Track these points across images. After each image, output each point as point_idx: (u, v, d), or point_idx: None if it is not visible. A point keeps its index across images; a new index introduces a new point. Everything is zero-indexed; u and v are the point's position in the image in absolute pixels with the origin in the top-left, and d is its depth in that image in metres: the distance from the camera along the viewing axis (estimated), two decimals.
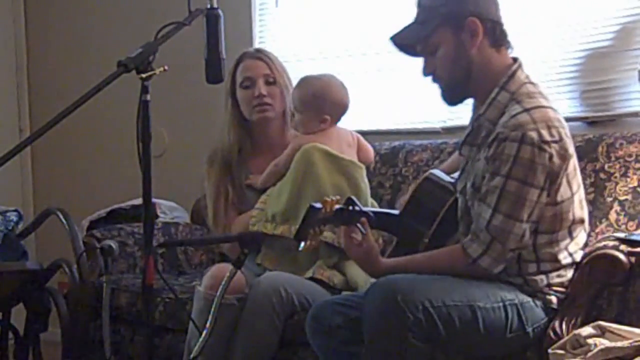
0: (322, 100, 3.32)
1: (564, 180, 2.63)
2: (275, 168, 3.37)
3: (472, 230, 2.64)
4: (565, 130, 2.64)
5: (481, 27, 2.68)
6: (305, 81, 3.37)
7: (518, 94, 2.66)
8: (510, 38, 2.74)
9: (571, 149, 2.65)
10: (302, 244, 2.76)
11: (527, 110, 2.59)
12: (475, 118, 2.76)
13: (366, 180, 3.34)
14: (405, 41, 2.79)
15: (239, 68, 3.47)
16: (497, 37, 2.71)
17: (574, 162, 2.67)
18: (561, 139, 2.60)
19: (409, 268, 2.69)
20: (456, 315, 2.53)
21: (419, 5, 2.75)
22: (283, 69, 3.50)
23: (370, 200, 3.34)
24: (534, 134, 2.55)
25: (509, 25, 2.75)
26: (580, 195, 2.72)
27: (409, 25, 2.76)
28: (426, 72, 2.77)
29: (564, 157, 2.60)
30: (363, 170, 3.34)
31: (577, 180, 2.71)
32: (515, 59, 2.74)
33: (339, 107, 3.36)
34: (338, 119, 3.38)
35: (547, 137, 2.56)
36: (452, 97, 2.80)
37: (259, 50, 3.56)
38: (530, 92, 2.67)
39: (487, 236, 2.59)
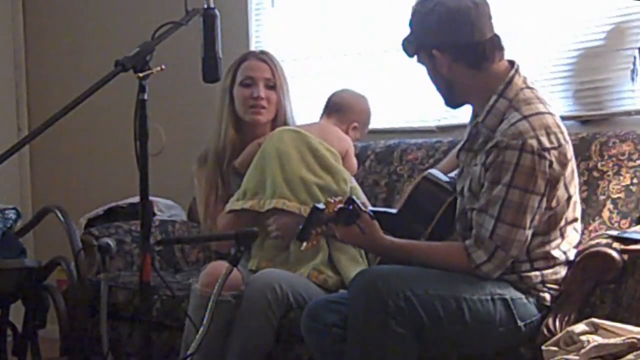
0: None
1: (562, 185, 2.65)
2: (251, 148, 3.41)
3: (474, 237, 2.66)
4: (564, 135, 2.66)
5: (443, 58, 2.71)
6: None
7: (516, 101, 2.67)
8: (503, 46, 2.74)
9: (570, 154, 2.66)
10: (305, 244, 2.79)
11: (525, 117, 2.61)
12: (474, 125, 2.78)
13: (341, 166, 3.33)
14: (404, 52, 2.83)
15: (241, 66, 3.48)
16: (476, 58, 2.71)
17: (572, 165, 2.69)
18: (560, 145, 2.62)
19: (408, 250, 2.74)
20: (440, 304, 2.56)
21: (409, 25, 2.80)
22: (284, 74, 3.51)
23: (348, 177, 3.31)
24: (534, 142, 2.57)
25: (502, 26, 2.77)
26: (575, 197, 2.74)
27: (407, 37, 2.80)
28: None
29: (564, 163, 2.63)
30: (337, 156, 3.33)
31: (575, 183, 2.73)
32: (512, 63, 2.75)
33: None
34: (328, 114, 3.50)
35: (547, 144, 2.58)
36: (449, 103, 2.86)
37: (264, 53, 3.57)
38: (528, 98, 2.68)
39: (491, 244, 2.62)
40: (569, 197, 2.70)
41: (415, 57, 2.81)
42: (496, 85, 2.71)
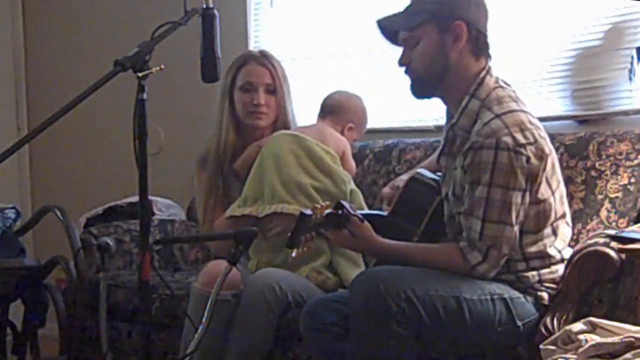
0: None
1: (543, 179, 2.65)
2: (250, 150, 3.42)
3: (466, 240, 2.66)
4: (540, 131, 2.66)
5: (466, 33, 2.69)
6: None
7: (488, 101, 2.68)
8: (491, 50, 2.76)
9: (547, 149, 2.66)
10: (295, 251, 2.77)
11: (498, 116, 2.61)
12: (449, 128, 2.78)
13: (340, 167, 3.32)
14: (390, 27, 2.81)
15: (241, 70, 3.46)
16: (480, 46, 2.72)
17: (551, 160, 2.69)
18: (536, 140, 2.62)
19: (402, 252, 2.73)
20: (440, 305, 2.56)
21: None
22: (284, 76, 3.50)
23: (347, 179, 3.31)
24: (508, 139, 2.57)
25: (500, 25, 2.78)
26: (560, 192, 2.75)
27: (398, 13, 2.78)
28: (401, 62, 2.79)
29: (541, 157, 2.63)
30: (335, 158, 3.33)
31: (557, 178, 2.73)
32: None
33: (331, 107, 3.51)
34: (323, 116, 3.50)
35: (522, 140, 2.58)
36: (420, 92, 2.82)
37: (264, 55, 3.53)
38: (500, 97, 2.68)
39: (483, 245, 2.62)
40: (553, 192, 2.70)
41: (402, 34, 2.77)
42: (469, 86, 2.71)
